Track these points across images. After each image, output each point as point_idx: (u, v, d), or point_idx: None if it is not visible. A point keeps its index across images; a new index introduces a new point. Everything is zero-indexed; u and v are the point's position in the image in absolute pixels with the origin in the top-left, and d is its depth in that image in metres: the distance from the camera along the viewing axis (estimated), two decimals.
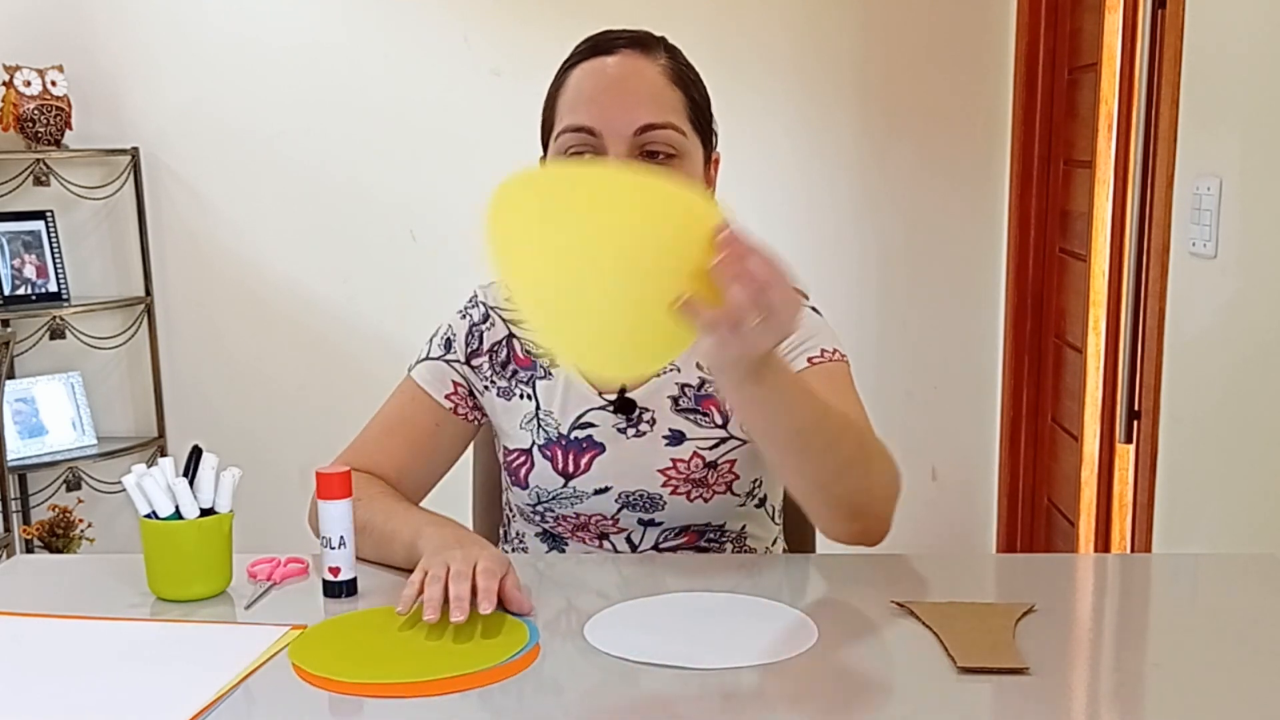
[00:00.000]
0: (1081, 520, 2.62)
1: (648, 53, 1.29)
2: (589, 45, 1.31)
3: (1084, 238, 2.62)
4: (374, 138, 3.18)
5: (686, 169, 1.28)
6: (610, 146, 1.25)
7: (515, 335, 1.41)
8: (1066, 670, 1.04)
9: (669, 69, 1.29)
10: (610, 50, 1.29)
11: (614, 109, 1.25)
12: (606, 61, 1.28)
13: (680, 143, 1.27)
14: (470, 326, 1.43)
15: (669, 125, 1.26)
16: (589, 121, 1.26)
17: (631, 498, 1.37)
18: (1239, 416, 1.75)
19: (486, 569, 1.11)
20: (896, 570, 1.31)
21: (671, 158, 1.27)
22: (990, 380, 3.19)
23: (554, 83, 1.33)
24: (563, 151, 1.28)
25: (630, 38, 1.30)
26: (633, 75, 1.27)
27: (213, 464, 1.22)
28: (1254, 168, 1.71)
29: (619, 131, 1.25)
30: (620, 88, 1.26)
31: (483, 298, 1.45)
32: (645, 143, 1.25)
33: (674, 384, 1.38)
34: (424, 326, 1.38)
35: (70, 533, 2.99)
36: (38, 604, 1.20)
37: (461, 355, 1.42)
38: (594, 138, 1.26)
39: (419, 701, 0.97)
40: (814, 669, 1.02)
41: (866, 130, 3.13)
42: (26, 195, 3.15)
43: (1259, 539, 1.69)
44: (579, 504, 1.38)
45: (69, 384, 3.22)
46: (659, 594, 1.20)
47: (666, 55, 1.31)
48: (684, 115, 1.28)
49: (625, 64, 1.28)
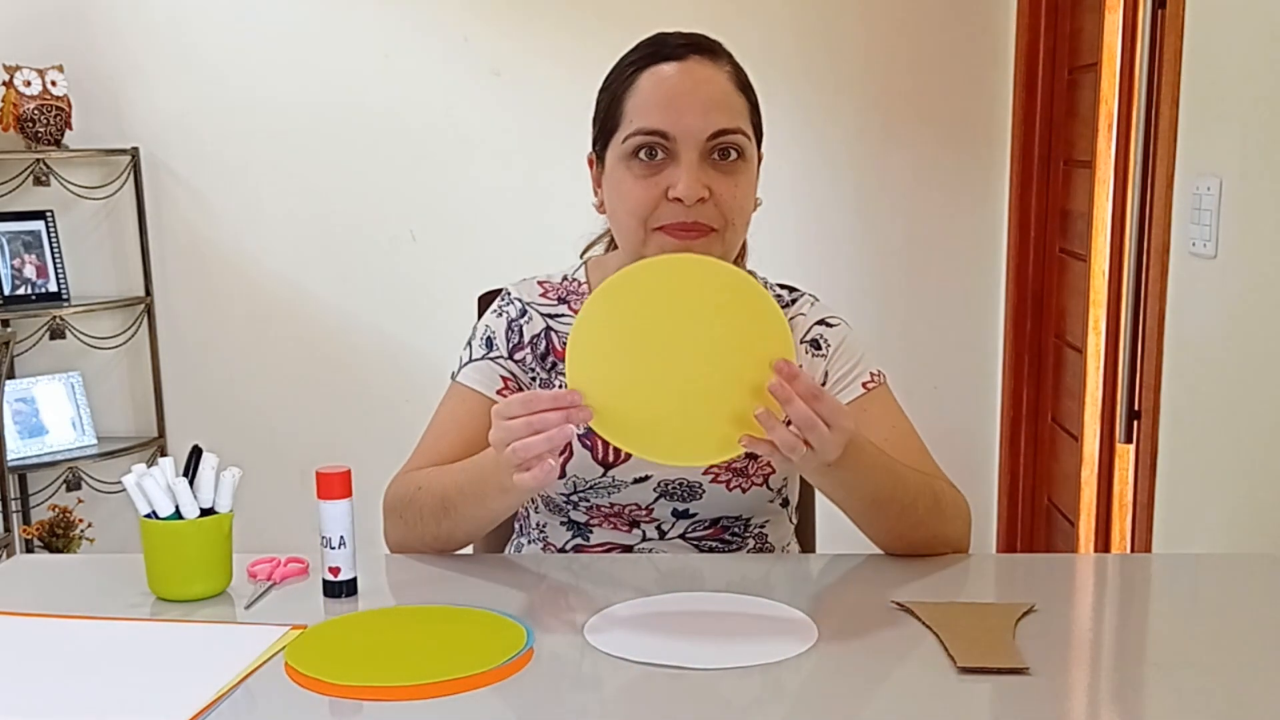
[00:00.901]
0: (1081, 520, 2.62)
1: (714, 59, 1.32)
2: (652, 49, 1.33)
3: (1084, 238, 2.62)
4: (374, 138, 3.18)
5: (748, 170, 1.33)
6: (683, 151, 1.28)
7: (552, 328, 1.43)
8: (1066, 670, 1.04)
9: (734, 75, 1.33)
10: (679, 56, 1.31)
11: (689, 114, 1.28)
12: (678, 67, 1.31)
13: (745, 145, 1.31)
14: (509, 322, 1.44)
15: (738, 130, 1.30)
16: (664, 126, 1.28)
17: (671, 486, 1.38)
18: (1239, 416, 1.75)
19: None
20: (896, 570, 1.31)
21: (738, 159, 1.31)
22: (990, 380, 3.19)
23: (615, 83, 1.34)
24: (632, 151, 1.30)
25: (694, 44, 1.33)
26: (705, 82, 1.30)
27: (213, 464, 1.22)
28: (1254, 168, 1.71)
29: (694, 136, 1.28)
30: (694, 94, 1.29)
31: (516, 294, 1.46)
32: (716, 146, 1.29)
33: None
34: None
35: (70, 533, 2.99)
36: (38, 604, 1.20)
37: (504, 351, 1.43)
38: (667, 140, 1.29)
39: (418, 704, 0.97)
40: (814, 669, 1.03)
41: (867, 130, 3.13)
42: (26, 195, 3.15)
43: (1259, 539, 1.69)
44: (616, 493, 1.39)
45: (69, 384, 3.22)
46: (660, 593, 1.20)
47: (730, 63, 1.34)
48: (748, 120, 1.33)
49: (697, 70, 1.31)
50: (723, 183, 1.29)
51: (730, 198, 1.29)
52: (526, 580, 1.28)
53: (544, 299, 1.45)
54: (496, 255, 3.13)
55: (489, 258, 3.14)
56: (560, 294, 1.46)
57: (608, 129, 1.34)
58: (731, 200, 1.29)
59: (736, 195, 1.30)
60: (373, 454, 1.70)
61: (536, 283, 1.47)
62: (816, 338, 1.43)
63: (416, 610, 1.17)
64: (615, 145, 1.32)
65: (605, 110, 1.35)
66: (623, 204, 1.32)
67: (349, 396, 3.27)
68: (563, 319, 1.44)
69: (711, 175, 1.29)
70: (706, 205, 1.28)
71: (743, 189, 1.31)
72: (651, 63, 1.31)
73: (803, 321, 1.43)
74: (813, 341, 1.42)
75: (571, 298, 1.45)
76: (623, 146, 1.31)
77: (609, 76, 1.36)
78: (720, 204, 1.29)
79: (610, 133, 1.33)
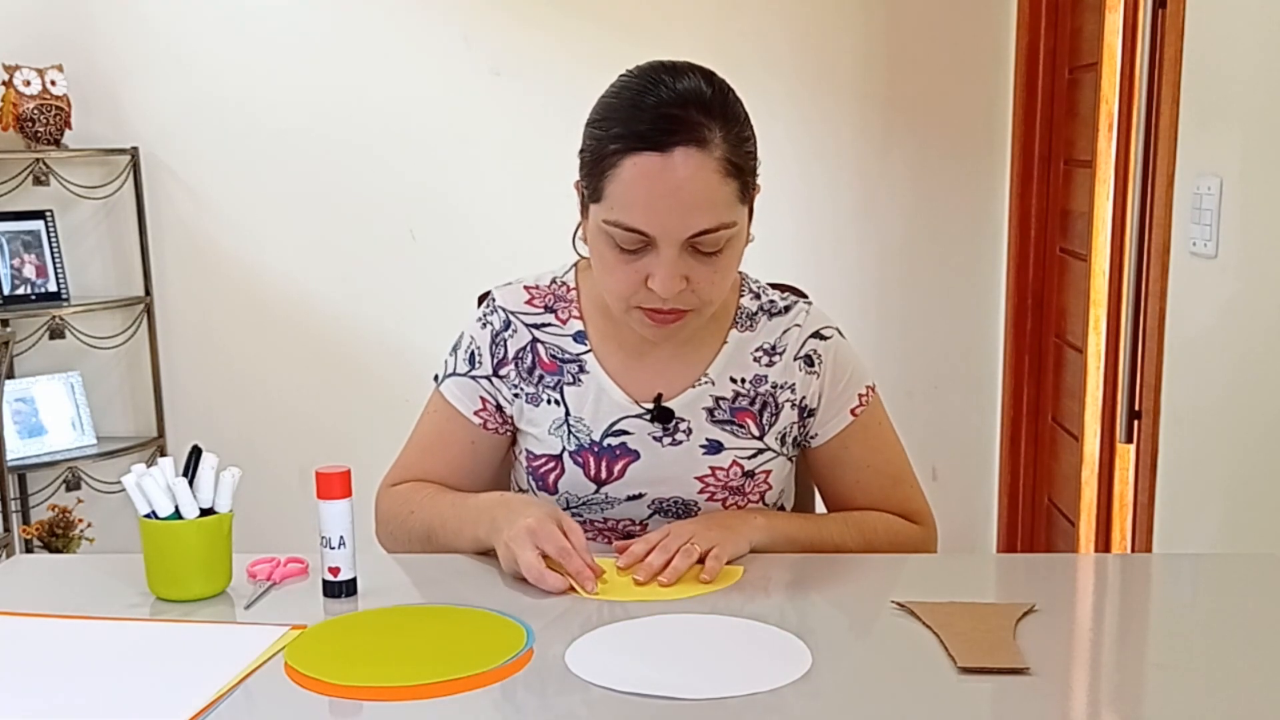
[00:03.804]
0: (1082, 520, 2.62)
1: (704, 146, 1.22)
2: (643, 129, 1.22)
3: (1084, 237, 2.62)
4: (374, 137, 3.18)
5: (732, 249, 1.28)
6: (663, 247, 1.24)
7: (538, 339, 1.41)
8: (1066, 670, 1.04)
9: (723, 160, 1.23)
10: (665, 146, 1.21)
11: (669, 218, 1.22)
12: (662, 163, 1.21)
13: (729, 234, 1.26)
14: (493, 335, 1.42)
15: (720, 227, 1.24)
16: (643, 226, 1.23)
17: (665, 504, 1.38)
18: (1239, 416, 1.75)
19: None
20: (896, 570, 1.31)
21: (718, 253, 1.26)
22: (990, 380, 3.19)
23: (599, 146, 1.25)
24: (611, 242, 1.26)
25: (687, 125, 1.21)
26: (689, 180, 1.21)
27: (212, 464, 1.22)
28: (1254, 168, 1.71)
29: (673, 237, 1.23)
30: (674, 197, 1.21)
31: (501, 302, 1.43)
32: (697, 243, 1.25)
33: (709, 396, 1.38)
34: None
35: (70, 533, 2.99)
36: (37, 604, 1.20)
37: (489, 369, 1.42)
38: (646, 237, 1.24)
39: (417, 704, 0.97)
40: (814, 669, 1.02)
41: (867, 130, 3.13)
42: (26, 195, 3.15)
43: (1259, 539, 1.69)
44: (609, 510, 1.39)
45: (68, 384, 3.22)
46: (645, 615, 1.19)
47: (722, 135, 1.23)
48: (735, 201, 1.25)
49: (681, 167, 1.21)
50: (701, 271, 1.26)
51: (708, 283, 1.27)
52: (526, 581, 1.27)
53: (530, 306, 1.42)
54: (496, 255, 3.13)
55: (489, 257, 3.14)
56: (547, 301, 1.42)
57: (590, 190, 1.28)
58: (709, 285, 1.27)
59: (715, 279, 1.27)
60: (373, 454, 1.69)
61: (523, 288, 1.43)
62: (810, 354, 1.41)
63: (416, 610, 1.17)
64: (598, 220, 1.27)
65: (588, 169, 1.27)
66: (603, 276, 1.30)
67: (349, 396, 3.27)
68: (549, 329, 1.41)
69: (691, 265, 1.25)
70: (685, 292, 1.26)
71: (723, 271, 1.28)
72: (637, 146, 1.22)
73: (797, 334, 1.41)
74: (805, 358, 1.40)
75: (559, 305, 1.42)
76: (603, 228, 1.26)
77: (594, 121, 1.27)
78: (698, 290, 1.27)
79: (593, 196, 1.27)
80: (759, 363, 1.40)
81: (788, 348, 1.40)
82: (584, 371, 1.39)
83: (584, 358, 1.39)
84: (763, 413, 1.39)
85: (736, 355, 1.40)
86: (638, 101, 1.24)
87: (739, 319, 1.41)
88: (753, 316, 1.41)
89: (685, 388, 1.38)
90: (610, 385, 1.38)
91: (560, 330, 1.41)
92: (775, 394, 1.39)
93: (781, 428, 1.40)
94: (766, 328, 1.41)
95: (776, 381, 1.40)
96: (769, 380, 1.39)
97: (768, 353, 1.40)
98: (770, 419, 1.39)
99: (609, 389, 1.38)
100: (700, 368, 1.39)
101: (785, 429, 1.40)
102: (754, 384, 1.39)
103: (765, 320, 1.41)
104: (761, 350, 1.40)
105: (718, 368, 1.39)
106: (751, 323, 1.41)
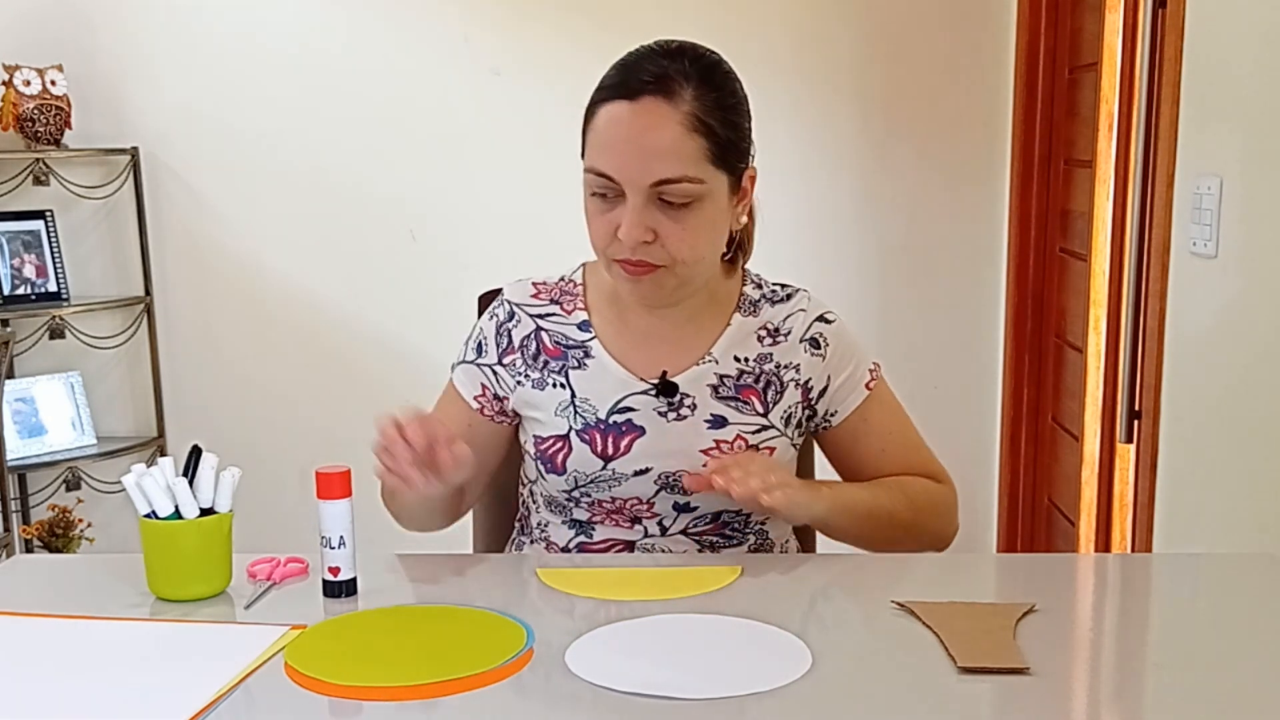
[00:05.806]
0: (1082, 520, 2.62)
1: (671, 98, 1.27)
2: (619, 79, 1.29)
3: (1084, 237, 2.62)
4: (374, 137, 3.18)
5: (702, 210, 1.30)
6: (629, 195, 1.28)
7: (542, 327, 1.44)
8: (1066, 670, 1.04)
9: (690, 115, 1.27)
10: (635, 95, 1.27)
11: (631, 163, 1.27)
12: (630, 109, 1.27)
13: (696, 190, 1.28)
14: (498, 326, 1.46)
15: (683, 179, 1.27)
16: (609, 170, 1.28)
17: (672, 478, 1.39)
18: (1239, 416, 1.75)
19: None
20: (896, 570, 1.31)
21: (686, 205, 1.29)
22: (990, 380, 3.19)
23: (590, 105, 1.32)
24: (590, 189, 1.31)
25: (657, 77, 1.27)
26: (651, 129, 1.26)
27: (212, 464, 1.22)
28: (1254, 168, 1.71)
29: (636, 183, 1.27)
30: (637, 143, 1.27)
31: (507, 295, 1.48)
32: (661, 193, 1.28)
33: (713, 374, 1.41)
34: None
35: (70, 533, 2.99)
36: (37, 604, 1.20)
37: (494, 356, 1.46)
38: (614, 183, 1.28)
39: (418, 704, 0.97)
40: (814, 669, 1.02)
41: (867, 130, 3.13)
42: (26, 195, 3.15)
43: (1259, 539, 1.69)
44: (617, 486, 1.40)
45: (68, 384, 3.22)
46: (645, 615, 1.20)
47: (693, 94, 1.27)
48: (703, 159, 1.28)
49: (646, 114, 1.27)
50: (669, 226, 1.29)
51: (677, 239, 1.29)
52: (526, 580, 1.28)
53: (535, 300, 1.46)
54: (496, 255, 3.13)
55: (489, 258, 3.14)
56: (553, 295, 1.47)
57: (582, 147, 1.34)
58: (679, 242, 1.29)
59: (685, 237, 1.29)
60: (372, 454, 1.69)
61: (531, 284, 1.48)
62: (815, 336, 1.44)
63: (416, 610, 1.17)
64: (583, 165, 1.33)
65: (584, 122, 1.34)
66: (589, 230, 1.35)
67: (349, 396, 3.27)
68: (553, 318, 1.45)
69: (658, 218, 1.28)
70: (653, 246, 1.29)
71: (692, 230, 1.30)
72: (613, 96, 1.29)
73: (802, 318, 1.44)
74: (812, 340, 1.44)
75: (565, 298, 1.46)
76: (585, 176, 1.32)
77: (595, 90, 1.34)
78: (667, 245, 1.29)
79: (582, 151, 1.33)
80: (762, 342, 1.43)
81: (793, 330, 1.44)
82: (589, 356, 1.42)
83: (589, 344, 1.42)
84: (767, 390, 1.41)
85: (740, 336, 1.43)
86: (624, 61, 1.32)
87: (742, 304, 1.45)
88: (755, 303, 1.45)
89: (689, 366, 1.41)
90: (615, 365, 1.41)
91: (565, 319, 1.44)
92: (780, 373, 1.42)
93: (785, 408, 1.41)
94: (769, 312, 1.45)
95: (781, 361, 1.42)
96: (773, 359, 1.42)
97: (771, 334, 1.43)
98: (775, 397, 1.41)
99: (613, 369, 1.41)
100: (704, 348, 1.42)
101: (789, 409, 1.42)
102: (758, 362, 1.42)
103: (768, 306, 1.45)
104: (765, 330, 1.43)
105: (721, 347, 1.41)
106: (755, 308, 1.45)
